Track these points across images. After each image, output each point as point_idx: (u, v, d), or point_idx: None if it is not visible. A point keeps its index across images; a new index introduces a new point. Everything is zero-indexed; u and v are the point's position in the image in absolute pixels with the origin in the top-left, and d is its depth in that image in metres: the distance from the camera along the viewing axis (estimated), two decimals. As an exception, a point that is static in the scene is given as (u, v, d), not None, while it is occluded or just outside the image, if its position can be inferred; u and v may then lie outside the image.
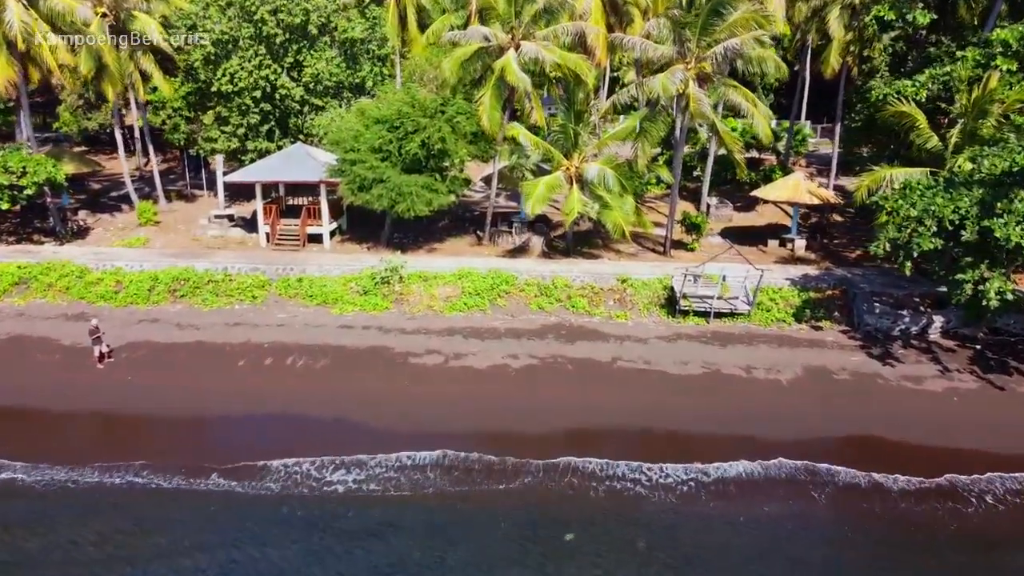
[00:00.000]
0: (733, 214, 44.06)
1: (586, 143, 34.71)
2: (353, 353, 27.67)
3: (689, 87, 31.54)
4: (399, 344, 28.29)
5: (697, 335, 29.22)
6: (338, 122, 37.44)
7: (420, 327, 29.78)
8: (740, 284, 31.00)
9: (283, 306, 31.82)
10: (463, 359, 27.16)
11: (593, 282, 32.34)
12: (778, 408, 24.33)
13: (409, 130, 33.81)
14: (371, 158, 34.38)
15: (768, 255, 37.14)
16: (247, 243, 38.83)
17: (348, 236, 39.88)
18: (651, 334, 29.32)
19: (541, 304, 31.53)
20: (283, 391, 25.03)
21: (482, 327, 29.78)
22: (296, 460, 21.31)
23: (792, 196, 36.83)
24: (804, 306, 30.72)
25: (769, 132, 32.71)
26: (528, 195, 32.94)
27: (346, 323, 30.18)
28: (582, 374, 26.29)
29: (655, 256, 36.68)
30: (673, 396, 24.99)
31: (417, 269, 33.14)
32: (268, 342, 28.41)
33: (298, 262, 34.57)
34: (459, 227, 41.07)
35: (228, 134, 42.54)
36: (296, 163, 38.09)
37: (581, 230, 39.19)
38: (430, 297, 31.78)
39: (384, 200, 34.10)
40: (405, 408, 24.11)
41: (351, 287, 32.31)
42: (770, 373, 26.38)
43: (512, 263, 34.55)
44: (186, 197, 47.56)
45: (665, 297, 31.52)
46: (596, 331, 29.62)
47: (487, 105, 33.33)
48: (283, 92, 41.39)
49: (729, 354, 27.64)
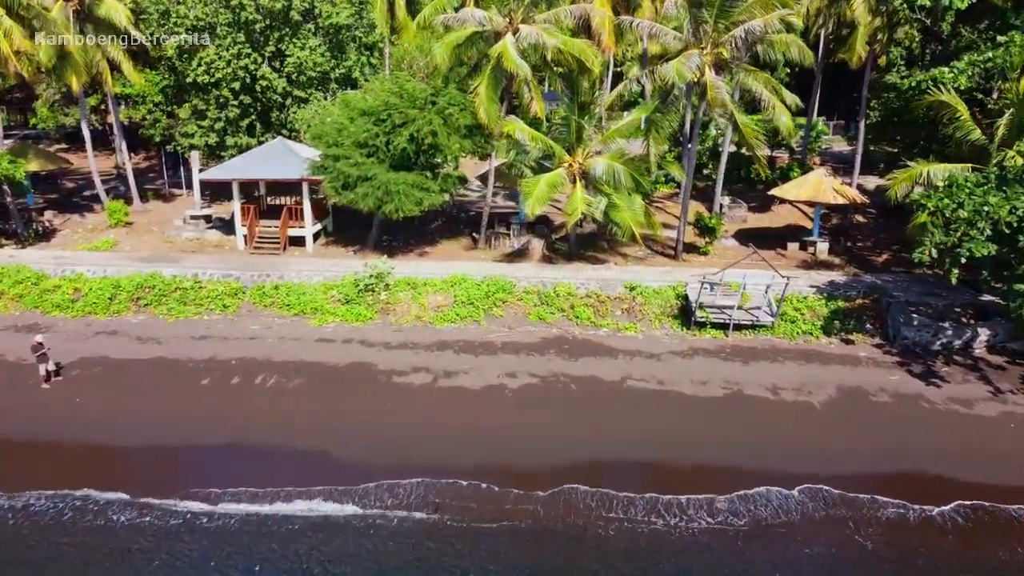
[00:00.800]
0: (747, 215, 41.07)
1: (591, 137, 31.74)
2: (331, 371, 24.71)
3: (706, 74, 28.56)
4: (383, 360, 25.33)
5: (715, 350, 26.24)
6: (321, 115, 34.48)
7: (407, 340, 26.82)
8: (761, 293, 28.03)
9: (257, 316, 28.86)
10: (454, 378, 24.20)
11: (599, 290, 29.37)
12: (811, 435, 21.34)
13: (397, 123, 30.88)
14: (356, 154, 31.49)
15: (788, 259, 34.16)
16: (224, 246, 35.92)
17: (334, 239, 36.96)
18: (664, 349, 26.34)
19: (541, 314, 28.57)
20: (247, 415, 22.05)
21: (476, 341, 26.81)
22: (253, 492, 18.40)
23: (814, 195, 33.84)
24: (833, 317, 27.74)
25: (791, 125, 29.82)
26: (527, 194, 29.97)
27: (325, 336, 27.22)
28: (588, 395, 23.33)
29: (665, 261, 33.71)
30: (691, 421, 22.01)
31: (406, 275, 30.19)
32: (237, 358, 25.45)
33: (276, 267, 31.63)
34: (453, 229, 38.13)
35: (205, 129, 39.64)
36: (276, 160, 35.13)
37: (584, 232, 36.25)
38: (419, 307, 28.83)
39: (370, 200, 31.18)
40: (386, 435, 21.15)
41: (332, 295, 29.37)
42: (800, 394, 23.39)
43: (510, 268, 31.60)
44: (164, 196, 44.65)
45: (678, 307, 28.54)
46: (603, 345, 26.64)
47: (482, 95, 30.34)
48: (264, 84, 38.51)
49: (752, 372, 24.65)
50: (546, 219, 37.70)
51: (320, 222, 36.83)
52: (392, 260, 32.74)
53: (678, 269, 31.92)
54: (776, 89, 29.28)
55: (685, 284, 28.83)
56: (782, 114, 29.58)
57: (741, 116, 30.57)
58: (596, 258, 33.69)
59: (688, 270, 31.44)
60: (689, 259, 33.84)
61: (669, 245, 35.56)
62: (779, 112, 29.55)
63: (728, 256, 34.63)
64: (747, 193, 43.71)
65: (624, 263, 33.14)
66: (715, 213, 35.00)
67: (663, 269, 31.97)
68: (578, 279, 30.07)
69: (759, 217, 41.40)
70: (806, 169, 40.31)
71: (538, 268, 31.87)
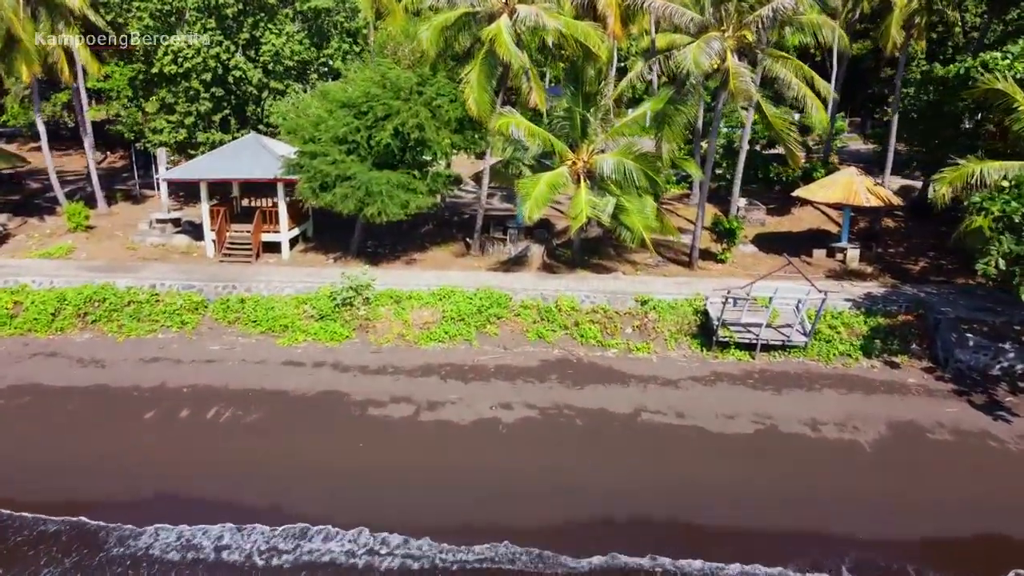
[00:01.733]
0: (766, 218, 37.64)
1: (596, 132, 28.35)
2: (296, 402, 21.31)
3: (728, 59, 25.16)
4: (358, 388, 21.93)
5: (742, 375, 22.83)
6: (298, 108, 31.07)
7: (387, 364, 23.42)
8: (792, 308, 24.63)
9: (218, 335, 25.47)
10: (439, 410, 20.79)
11: (606, 303, 25.97)
12: (861, 485, 17.91)
13: (379, 116, 27.48)
14: (334, 151, 28.11)
15: (815, 268, 30.74)
16: (192, 253, 32.52)
17: (313, 244, 33.58)
18: (683, 374, 22.92)
19: (541, 332, 25.16)
20: (191, 459, 18.62)
21: (466, 364, 23.41)
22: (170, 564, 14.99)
23: (845, 197, 30.38)
24: (873, 336, 24.33)
25: (825, 117, 26.45)
26: (525, 195, 26.59)
27: (294, 358, 23.82)
28: (596, 432, 19.91)
29: (679, 269, 30.27)
30: (718, 464, 18.59)
31: (389, 286, 26.80)
32: (189, 385, 22.05)
33: (245, 277, 28.25)
34: (445, 233, 34.75)
35: (174, 124, 36.24)
36: (248, 157, 31.70)
37: (589, 237, 32.86)
38: (402, 323, 25.43)
39: (350, 202, 27.78)
40: (355, 483, 17.75)
41: (305, 310, 25.97)
42: (844, 431, 19.96)
43: (506, 279, 28.19)
44: (135, 198, 41.34)
45: (697, 324, 25.13)
46: (612, 369, 23.24)
47: (473, 84, 26.92)
48: (238, 74, 35.11)
49: (787, 403, 21.24)
50: (547, 223, 34.33)
51: (298, 226, 33.45)
52: (376, 269, 29.45)
53: (694, 279, 28.52)
54: (810, 78, 25.83)
55: (704, 298, 25.40)
56: (814, 106, 26.13)
57: (769, 107, 27.12)
58: (602, 266, 30.29)
59: (706, 280, 28.04)
60: (706, 267, 30.44)
61: (683, 252, 32.18)
62: (811, 104, 26.11)
63: (747, 264, 31.26)
64: (763, 194, 40.32)
65: (633, 272, 29.73)
66: (733, 216, 31.62)
67: (678, 279, 28.55)
68: (582, 291, 26.68)
69: (778, 220, 37.99)
70: (830, 169, 36.86)
71: (537, 278, 28.48)
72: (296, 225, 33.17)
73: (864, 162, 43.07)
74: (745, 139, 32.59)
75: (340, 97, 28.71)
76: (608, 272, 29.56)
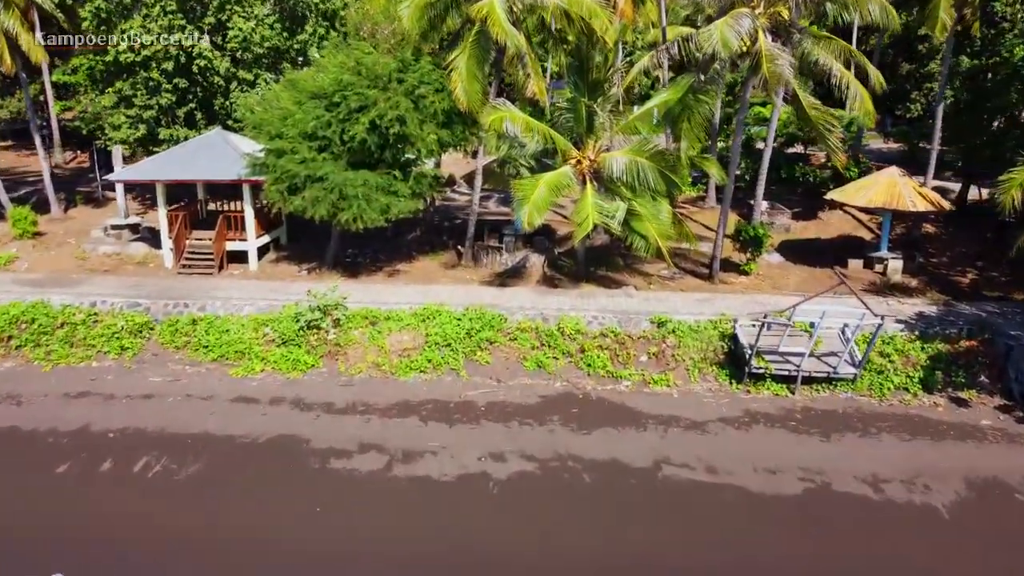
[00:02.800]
0: (791, 223, 33.97)
1: (604, 126, 24.64)
2: (244, 450, 17.59)
3: (760, 40, 21.47)
4: (320, 432, 18.22)
5: (781, 416, 19.10)
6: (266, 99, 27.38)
7: (357, 400, 19.71)
8: (836, 333, 20.93)
9: (163, 363, 21.78)
10: (416, 463, 17.06)
11: (616, 325, 22.26)
12: (943, 566, 14.21)
13: (353, 107, 23.80)
14: (303, 148, 24.48)
15: (851, 281, 26.90)
16: (149, 264, 28.85)
17: (286, 253, 29.90)
18: (710, 413, 19.19)
19: (541, 360, 21.46)
20: (103, 528, 14.92)
21: (452, 401, 19.70)
22: None
23: (887, 200, 26.67)
24: (933, 366, 20.62)
25: (871, 109, 22.79)
26: (523, 198, 22.92)
27: (248, 393, 20.13)
28: (607, 491, 16.20)
29: (698, 283, 26.56)
30: (762, 535, 14.88)
31: (365, 305, 23.12)
32: (118, 429, 18.35)
33: (202, 293, 24.58)
34: (435, 241, 31.06)
35: (133, 119, 32.53)
36: (211, 156, 28.06)
37: (595, 245, 29.19)
38: (378, 350, 21.72)
39: (321, 206, 24.15)
40: (306, 565, 14.04)
41: (265, 333, 22.28)
42: (913, 491, 16.23)
43: (501, 295, 24.51)
44: (96, 201, 37.71)
45: (724, 350, 21.42)
46: (625, 407, 19.51)
47: (462, 71, 23.24)
48: (202, 63, 31.40)
49: (839, 453, 17.50)
50: (548, 229, 30.64)
51: (269, 233, 29.75)
52: (353, 282, 25.84)
53: (716, 295, 24.82)
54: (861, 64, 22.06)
55: (733, 321, 21.66)
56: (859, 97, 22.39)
57: (806, 97, 23.35)
58: (610, 279, 26.59)
59: (730, 297, 24.37)
60: (728, 280, 26.73)
61: (700, 262, 28.51)
62: (854, 94, 22.37)
63: (774, 276, 27.55)
64: (783, 197, 36.62)
65: (646, 286, 26.03)
66: (759, 222, 27.92)
67: (698, 296, 24.83)
68: (589, 310, 22.99)
69: (804, 226, 34.30)
70: (864, 168, 33.14)
71: (537, 293, 24.78)
72: (266, 232, 29.49)
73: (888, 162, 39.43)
74: (771, 135, 28.87)
75: (310, 87, 25.05)
76: (617, 286, 25.85)
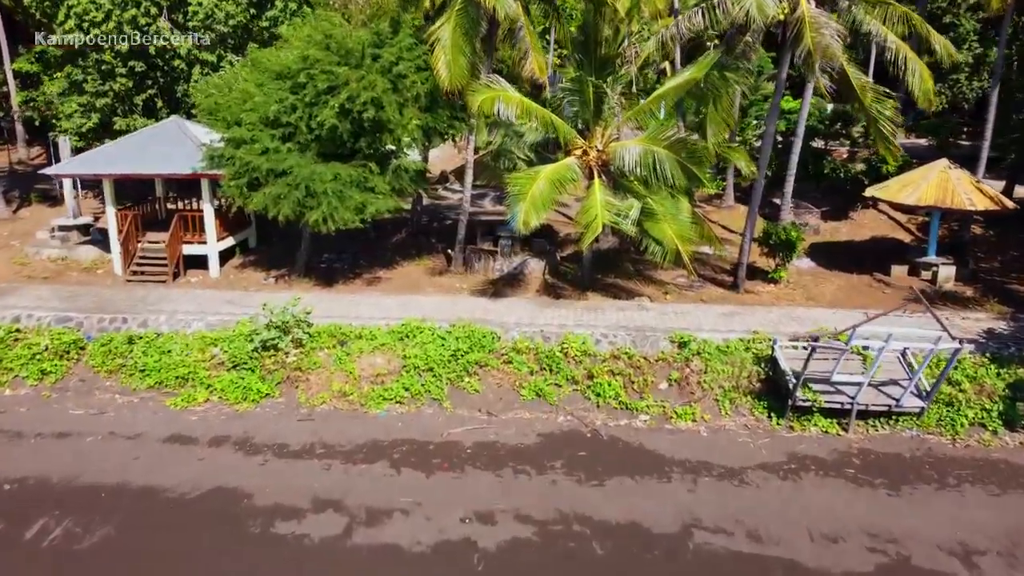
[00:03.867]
0: (820, 223, 30.50)
1: (615, 111, 21.13)
2: (169, 507, 14.07)
3: (802, 5, 17.94)
4: (268, 483, 14.69)
5: (835, 461, 15.54)
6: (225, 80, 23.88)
7: (316, 440, 16.19)
8: (896, 358, 17.40)
9: (89, 391, 18.29)
10: (384, 526, 13.51)
11: (630, 346, 18.75)
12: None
13: (321, 88, 20.31)
14: (265, 136, 21.06)
15: (896, 291, 23.56)
16: (97, 269, 25.44)
17: (255, 258, 26.43)
18: (748, 458, 15.65)
19: (541, 388, 17.93)
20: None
21: (432, 441, 16.18)
22: None
23: (939, 197, 23.16)
24: (1014, 395, 17.06)
25: (932, 87, 19.27)
26: (519, 195, 19.43)
27: (184, 430, 16.61)
28: (625, 567, 12.67)
29: (721, 294, 23.04)
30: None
31: (334, 320, 19.64)
32: (16, 479, 14.81)
33: (147, 305, 21.14)
34: (422, 244, 27.61)
35: (85, 107, 29.07)
36: (165, 147, 24.60)
37: (602, 249, 25.76)
38: (346, 375, 18.18)
39: (285, 205, 20.77)
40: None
41: (213, 354, 18.77)
42: (1015, 567, 12.71)
43: (494, 307, 21.01)
44: (53, 199, 34.23)
45: (760, 376, 17.88)
46: (643, 450, 15.97)
47: (448, 45, 19.75)
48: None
49: (913, 512, 13.96)
50: (549, 230, 27.18)
51: (235, 235, 26.28)
52: (327, 292, 22.52)
53: (745, 308, 21.32)
54: (922, 34, 18.51)
55: (771, 341, 18.11)
56: (918, 73, 18.84)
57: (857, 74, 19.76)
58: (619, 287, 23.09)
59: (760, 310, 20.91)
60: (754, 290, 23.22)
61: (720, 268, 25.08)
62: (912, 69, 18.81)
63: (806, 284, 24.08)
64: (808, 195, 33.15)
65: (662, 297, 22.52)
66: (790, 222, 24.42)
67: (723, 309, 21.30)
68: (597, 327, 19.48)
69: (834, 227, 30.84)
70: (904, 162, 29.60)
71: (537, 306, 21.27)
72: (231, 234, 26.01)
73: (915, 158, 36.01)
74: (801, 123, 25.40)
75: (272, 65, 21.61)
76: (628, 296, 22.35)
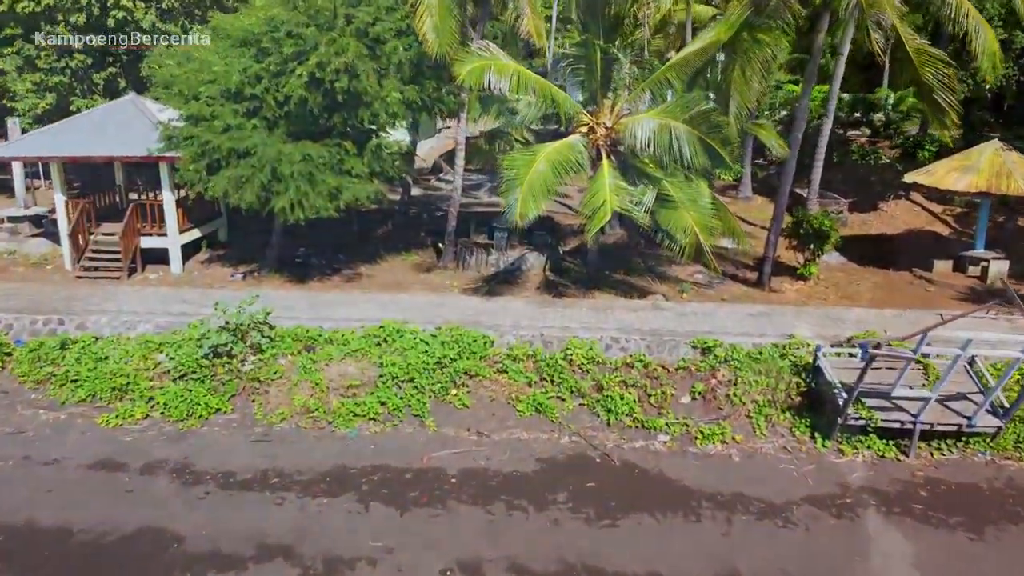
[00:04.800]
0: (847, 215, 27.88)
1: (626, 82, 18.42)
2: (80, 554, 11.33)
3: (849, -50, 15.28)
4: (202, 524, 11.94)
5: (897, 494, 12.78)
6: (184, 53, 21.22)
7: (271, 466, 13.46)
8: (962, 368, 14.67)
9: (11, 405, 15.55)
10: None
11: (644, 351, 16.04)
12: None
13: (288, 54, 17.63)
14: (227, 112, 18.40)
15: (938, 288, 20.94)
16: (47, 265, 22.81)
17: (223, 252, 23.76)
18: (792, 490, 12.89)
19: (541, 402, 15.20)
20: None
21: (410, 467, 13.43)
22: None
23: (993, 183, 20.46)
24: (1103, 412, 14.38)
25: (998, 51, 16.47)
26: (515, 181, 16.76)
27: (114, 453, 13.88)
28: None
29: (745, 291, 20.36)
30: None
31: (302, 322, 16.96)
32: (-102, 516, 12.19)
33: (90, 304, 18.49)
34: (411, 237, 24.93)
35: (38, 86, 26.44)
36: (120, 126, 21.94)
37: (608, 241, 23.14)
38: (312, 386, 15.45)
39: (248, 191, 18.17)
40: None
41: (159, 362, 16.06)
42: None
43: (488, 307, 18.31)
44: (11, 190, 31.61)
45: (799, 389, 15.16)
46: (664, 479, 13.23)
47: (432, 5, 17.02)
48: (120, 15, 25.31)
49: (1000, 562, 11.26)
50: (549, 221, 24.55)
51: (201, 227, 23.56)
52: (299, 289, 19.88)
53: (774, 308, 18.63)
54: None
55: (815, 347, 15.37)
56: (982, 35, 16.12)
57: (913, 37, 16.98)
58: (629, 285, 20.38)
59: (791, 310, 18.29)
60: (781, 288, 20.55)
61: (741, 263, 22.41)
62: (976, 31, 16.10)
63: (838, 282, 21.44)
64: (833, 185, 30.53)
65: (678, 295, 19.83)
66: (821, 211, 21.74)
67: (749, 309, 18.61)
68: (606, 329, 16.78)
69: (863, 219, 28.23)
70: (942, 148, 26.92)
71: (536, 306, 18.56)
72: (196, 225, 23.29)
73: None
74: (832, 102, 22.71)
75: (235, 31, 18.92)
76: (640, 295, 19.65)
